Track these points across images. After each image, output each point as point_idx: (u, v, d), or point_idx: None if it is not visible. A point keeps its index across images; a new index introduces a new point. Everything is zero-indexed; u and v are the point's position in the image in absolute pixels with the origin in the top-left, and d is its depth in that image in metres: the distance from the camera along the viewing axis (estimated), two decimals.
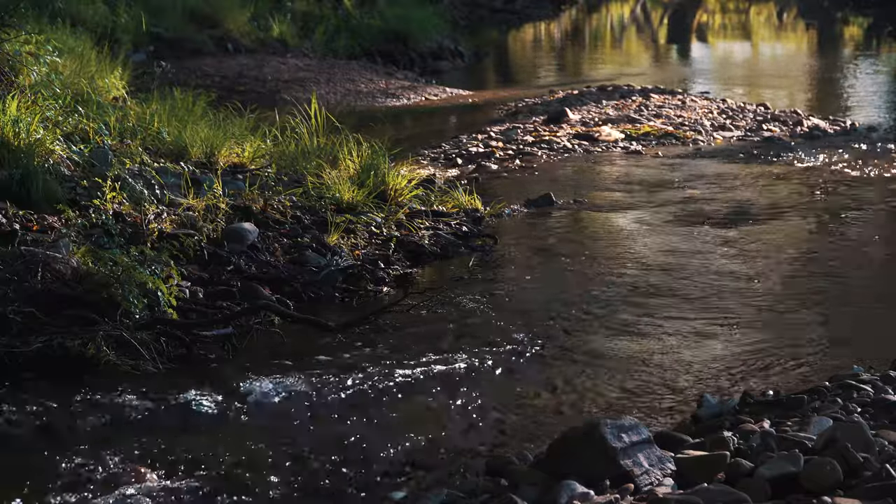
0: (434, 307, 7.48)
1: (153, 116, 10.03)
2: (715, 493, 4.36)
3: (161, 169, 8.79)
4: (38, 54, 10.44)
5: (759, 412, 5.57)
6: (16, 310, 6.33)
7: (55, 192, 7.87)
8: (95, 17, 16.23)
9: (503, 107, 16.37)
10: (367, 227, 8.88)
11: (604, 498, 4.48)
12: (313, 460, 5.32)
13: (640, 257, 8.73)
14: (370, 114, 14.69)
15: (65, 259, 6.79)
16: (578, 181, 11.57)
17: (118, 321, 6.44)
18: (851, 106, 17.18)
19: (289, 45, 19.85)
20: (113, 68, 12.85)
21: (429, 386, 6.22)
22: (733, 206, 10.37)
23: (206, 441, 5.50)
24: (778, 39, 30.45)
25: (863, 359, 6.49)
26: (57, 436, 5.49)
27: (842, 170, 11.93)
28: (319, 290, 7.71)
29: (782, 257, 8.78)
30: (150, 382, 6.11)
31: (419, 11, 22.23)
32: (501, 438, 5.65)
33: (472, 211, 9.84)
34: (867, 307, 7.61)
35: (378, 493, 5.02)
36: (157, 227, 7.77)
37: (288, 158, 10.09)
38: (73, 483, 5.02)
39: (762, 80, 20.94)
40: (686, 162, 12.46)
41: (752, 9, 36.82)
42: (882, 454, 4.61)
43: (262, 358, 6.52)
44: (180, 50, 17.98)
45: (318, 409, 5.91)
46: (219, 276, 7.56)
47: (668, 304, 7.61)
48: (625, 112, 15.30)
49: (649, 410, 5.92)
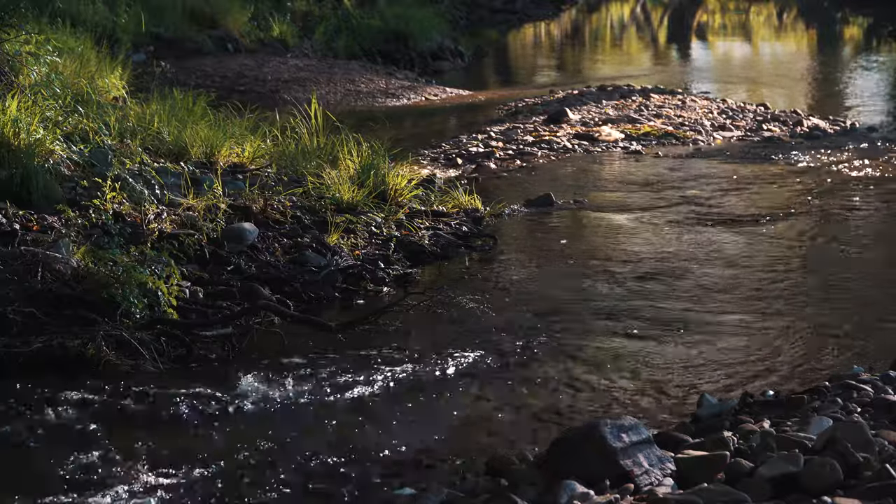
0: (434, 307, 7.48)
1: (153, 116, 10.03)
2: (715, 493, 4.36)
3: (161, 169, 8.79)
4: (38, 54, 10.44)
5: (759, 412, 5.57)
6: (16, 310, 6.34)
7: (55, 192, 7.87)
8: (95, 17, 16.22)
9: (503, 107, 16.36)
10: (367, 227, 8.88)
11: (604, 498, 4.48)
12: (313, 460, 5.32)
13: (640, 257, 8.73)
14: (370, 114, 14.68)
15: (65, 259, 6.80)
16: (578, 181, 11.57)
17: (118, 321, 6.45)
18: (851, 106, 17.17)
19: (289, 45, 19.85)
20: (113, 68, 12.86)
21: (429, 386, 6.22)
22: (733, 206, 10.37)
23: (206, 441, 5.50)
24: (778, 39, 30.44)
25: (863, 359, 6.50)
26: (57, 436, 5.49)
27: (842, 170, 11.93)
28: (319, 290, 7.70)
29: (782, 257, 8.78)
30: (150, 382, 6.11)
31: (419, 11, 22.24)
32: (501, 438, 5.65)
33: (472, 211, 9.84)
34: (867, 307, 7.61)
35: (378, 492, 5.02)
36: (157, 227, 7.77)
37: (288, 158, 10.09)
38: (73, 483, 5.02)
39: (762, 80, 20.93)
40: (686, 162, 12.46)
41: (752, 9, 36.80)
42: (882, 454, 4.61)
43: (262, 358, 6.52)
44: (180, 50, 17.97)
45: (318, 409, 5.91)
46: (219, 276, 7.56)
47: (668, 304, 7.61)
48: (625, 112, 15.30)
49: (649, 410, 5.92)
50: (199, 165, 9.41)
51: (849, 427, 4.77)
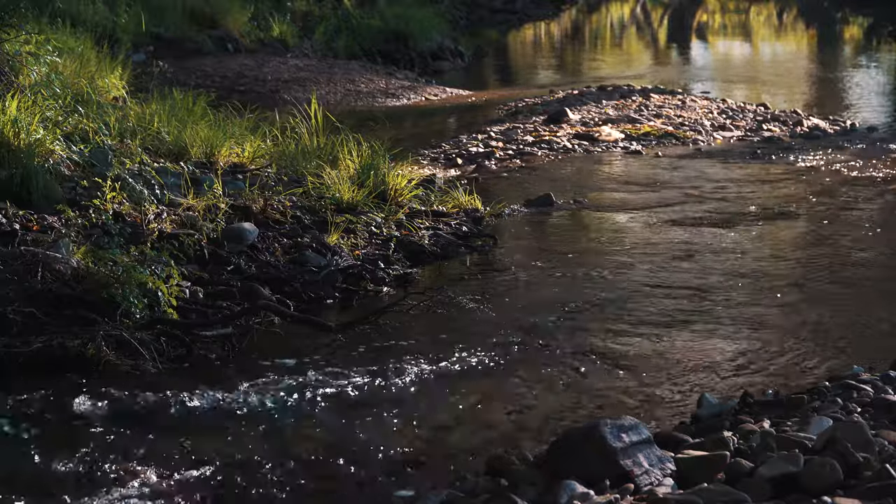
0: (434, 307, 7.48)
1: (153, 116, 10.03)
2: (715, 493, 4.36)
3: (161, 169, 8.78)
4: (38, 54, 10.43)
5: (759, 412, 5.57)
6: (16, 310, 6.33)
7: (55, 192, 7.87)
8: (95, 17, 16.23)
9: (503, 107, 16.36)
10: (367, 227, 8.87)
11: (604, 498, 4.48)
12: (313, 460, 5.32)
13: (640, 257, 8.73)
14: (370, 114, 14.69)
15: (65, 259, 6.80)
16: (578, 181, 11.57)
17: (118, 321, 6.45)
18: (851, 106, 17.18)
19: (289, 45, 19.85)
20: (113, 68, 12.86)
21: (428, 386, 6.22)
22: (733, 206, 10.37)
23: (206, 441, 5.49)
24: (778, 39, 30.45)
25: (863, 359, 6.50)
26: (57, 436, 5.49)
27: (842, 170, 11.93)
28: (319, 290, 7.70)
29: (782, 257, 8.78)
30: (150, 382, 6.11)
31: (419, 11, 22.24)
32: (501, 438, 5.65)
33: (472, 211, 9.84)
34: (867, 307, 7.61)
35: (378, 493, 5.02)
36: (157, 227, 7.77)
37: (288, 158, 10.09)
38: (73, 483, 5.02)
39: (762, 80, 20.94)
40: (686, 162, 12.47)
41: (752, 9, 36.82)
42: (882, 454, 4.61)
43: (262, 358, 6.52)
44: (180, 50, 17.97)
45: (317, 409, 5.91)
46: (219, 276, 7.56)
47: (668, 303, 7.61)
48: (625, 112, 15.30)
49: (649, 410, 5.92)
50: (199, 165, 9.41)
51: (849, 427, 4.77)
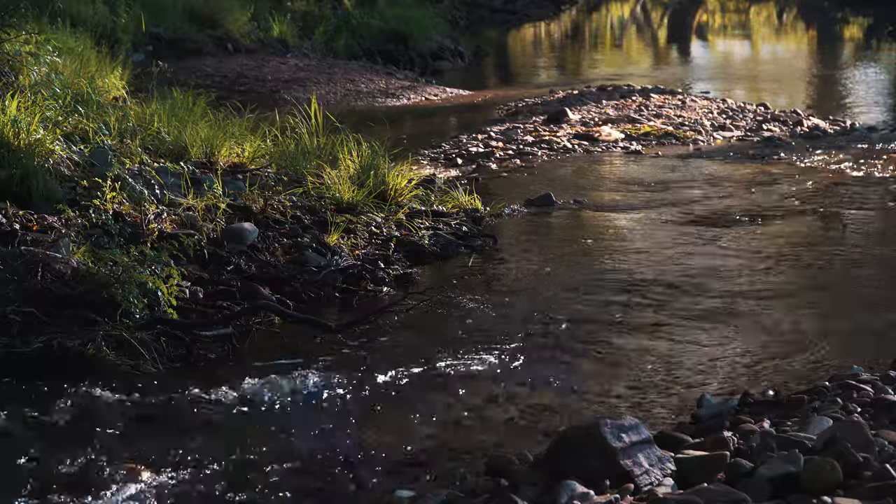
0: (434, 307, 7.48)
1: (153, 116, 10.02)
2: (715, 493, 4.36)
3: (161, 169, 8.78)
4: (38, 54, 10.43)
5: (759, 412, 5.56)
6: (16, 310, 6.33)
7: (55, 192, 7.87)
8: (95, 17, 16.23)
9: (503, 107, 16.36)
10: (367, 227, 8.87)
11: (604, 498, 4.48)
12: (313, 460, 5.32)
13: (640, 257, 8.73)
14: (370, 114, 14.67)
15: (65, 259, 6.79)
16: (578, 181, 11.57)
17: (118, 321, 6.45)
18: (851, 106, 17.18)
19: (289, 45, 19.85)
20: (113, 68, 12.86)
21: (429, 386, 6.22)
22: (733, 206, 10.37)
23: (206, 441, 5.50)
24: (778, 39, 30.45)
25: (863, 359, 6.49)
26: (57, 436, 5.49)
27: (842, 170, 11.93)
28: (319, 290, 7.70)
29: (782, 257, 8.78)
30: (150, 382, 6.11)
31: (419, 11, 22.24)
32: (501, 438, 5.65)
33: (472, 211, 9.84)
34: (867, 307, 7.61)
35: (378, 493, 5.02)
36: (157, 227, 7.76)
37: (288, 158, 10.08)
38: (72, 483, 5.02)
39: (762, 80, 20.94)
40: (686, 162, 12.46)
41: (752, 9, 36.81)
42: (882, 454, 4.61)
43: (262, 358, 6.52)
44: (180, 50, 17.97)
45: (318, 409, 5.91)
46: (219, 276, 7.56)
47: (668, 303, 7.61)
48: (625, 112, 15.30)
49: (649, 410, 5.92)
50: (199, 165, 9.41)
51: (849, 427, 4.77)
